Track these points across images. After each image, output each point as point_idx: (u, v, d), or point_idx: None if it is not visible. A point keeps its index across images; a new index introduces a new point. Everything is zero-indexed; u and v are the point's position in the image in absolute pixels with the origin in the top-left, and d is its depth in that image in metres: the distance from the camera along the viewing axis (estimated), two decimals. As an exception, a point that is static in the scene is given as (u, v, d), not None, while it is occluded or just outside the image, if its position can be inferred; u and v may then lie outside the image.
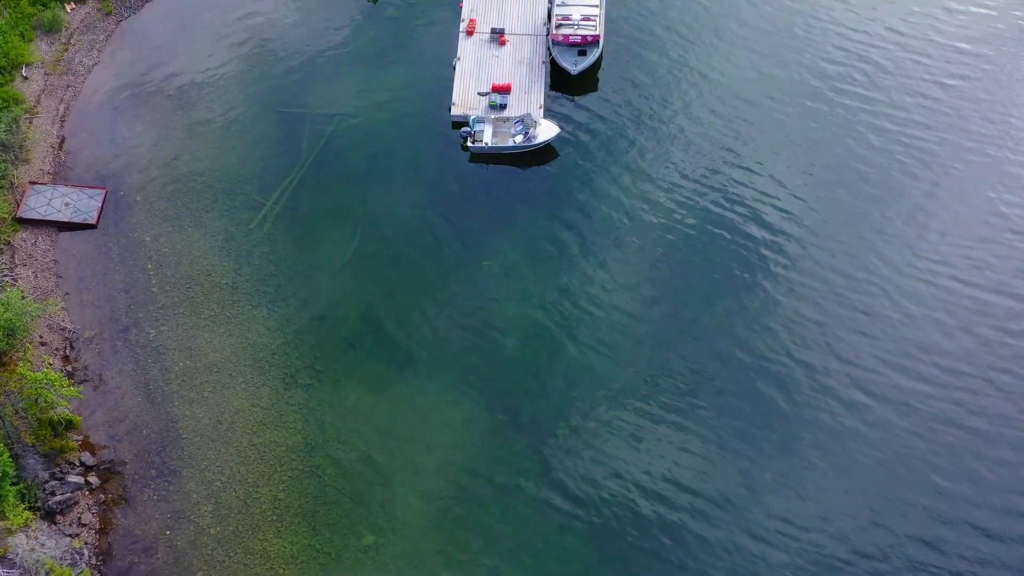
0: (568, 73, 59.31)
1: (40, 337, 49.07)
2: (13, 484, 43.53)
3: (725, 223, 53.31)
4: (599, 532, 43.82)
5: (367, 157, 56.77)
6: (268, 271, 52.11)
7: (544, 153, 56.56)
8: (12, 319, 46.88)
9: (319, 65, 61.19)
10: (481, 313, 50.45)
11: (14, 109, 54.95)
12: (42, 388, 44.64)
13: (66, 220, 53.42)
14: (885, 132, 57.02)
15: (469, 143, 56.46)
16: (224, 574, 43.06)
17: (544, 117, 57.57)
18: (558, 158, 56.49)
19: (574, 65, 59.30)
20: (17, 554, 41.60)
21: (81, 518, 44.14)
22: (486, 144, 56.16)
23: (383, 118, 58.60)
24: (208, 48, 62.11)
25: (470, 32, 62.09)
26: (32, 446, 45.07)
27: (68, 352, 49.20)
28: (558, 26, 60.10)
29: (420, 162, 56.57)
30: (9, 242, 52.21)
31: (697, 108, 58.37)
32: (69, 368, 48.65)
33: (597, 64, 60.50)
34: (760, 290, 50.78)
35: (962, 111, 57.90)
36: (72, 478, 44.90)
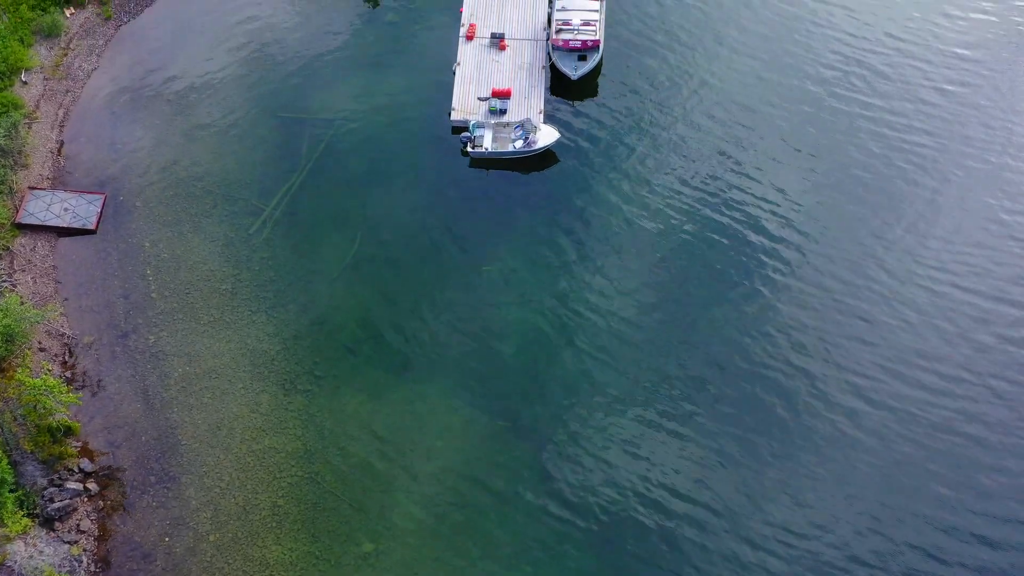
0: (568, 78, 59.27)
1: (39, 343, 49.02)
2: (11, 491, 43.43)
3: (724, 229, 53.26)
4: (598, 540, 43.71)
5: (367, 162, 56.73)
6: (267, 276, 52.07)
7: (544, 158, 56.53)
8: (11, 325, 46.82)
9: (319, 70, 61.17)
10: (480, 318, 50.40)
11: (13, 114, 54.92)
12: (41, 394, 44.58)
13: (65, 226, 53.37)
14: (885, 138, 56.96)
15: (469, 148, 56.42)
16: (223, 581, 43.07)
17: (544, 122, 57.53)
18: (558, 163, 56.46)
19: (574, 70, 59.26)
20: (15, 561, 41.54)
21: (80, 525, 44.07)
22: (486, 149, 56.11)
23: (383, 123, 58.56)
24: (208, 53, 62.08)
25: (470, 37, 62.06)
26: (31, 453, 45.02)
27: (67, 358, 49.15)
28: (558, 31, 60.07)
29: (420, 167, 56.53)
30: (8, 248, 52.16)
31: (697, 114, 58.34)
32: (68, 374, 48.59)
33: (597, 69, 60.47)
34: (759, 297, 50.72)
35: (962, 117, 57.81)
36: (71, 485, 44.83)
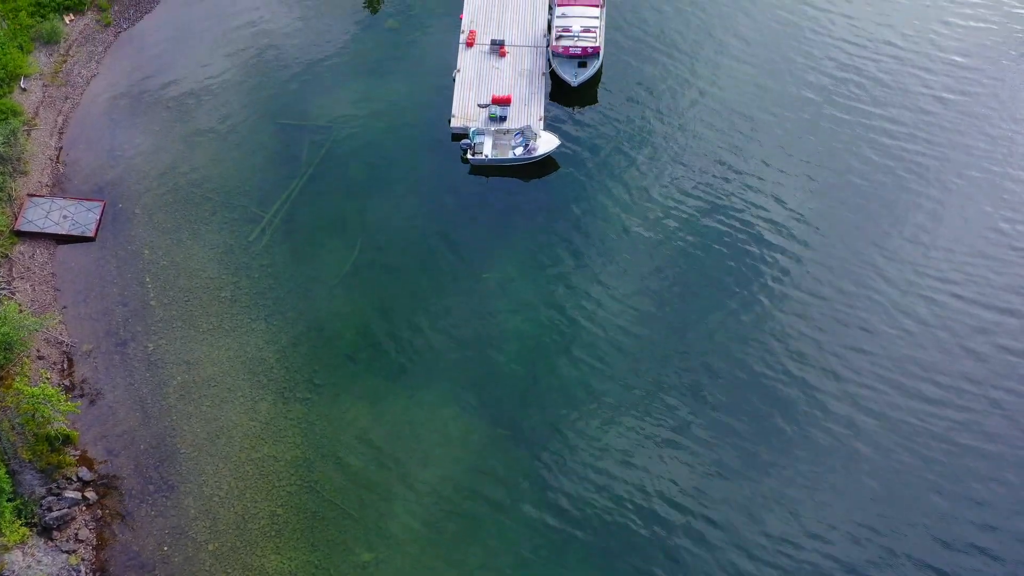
0: (568, 85, 59.19)
1: (38, 351, 48.87)
2: (9, 500, 43.30)
3: (723, 238, 53.10)
4: (597, 550, 43.49)
5: (366, 168, 56.61)
6: (267, 284, 51.93)
7: (544, 165, 56.42)
8: (9, 333, 46.66)
9: (318, 76, 61.08)
10: (480, 326, 50.25)
11: (12, 121, 54.80)
12: (39, 403, 44.43)
13: (64, 233, 53.23)
14: (884, 147, 56.79)
15: (469, 155, 56.30)
16: (222, 591, 42.91)
17: (544, 129, 57.44)
18: (558, 170, 56.35)
19: (574, 77, 59.17)
20: (13, 571, 41.35)
21: (78, 534, 43.90)
22: (486, 156, 56.01)
23: (383, 129, 58.47)
24: (207, 59, 62.01)
25: (470, 43, 61.97)
26: (29, 462, 44.84)
27: (65, 366, 48.98)
28: (558, 38, 59.98)
29: (419, 174, 56.42)
30: (7, 255, 52.02)
31: (696, 121, 58.23)
32: (67, 382, 48.44)
33: (597, 76, 60.38)
34: (757, 306, 50.53)
35: (961, 126, 57.62)
36: (69, 493, 44.66)
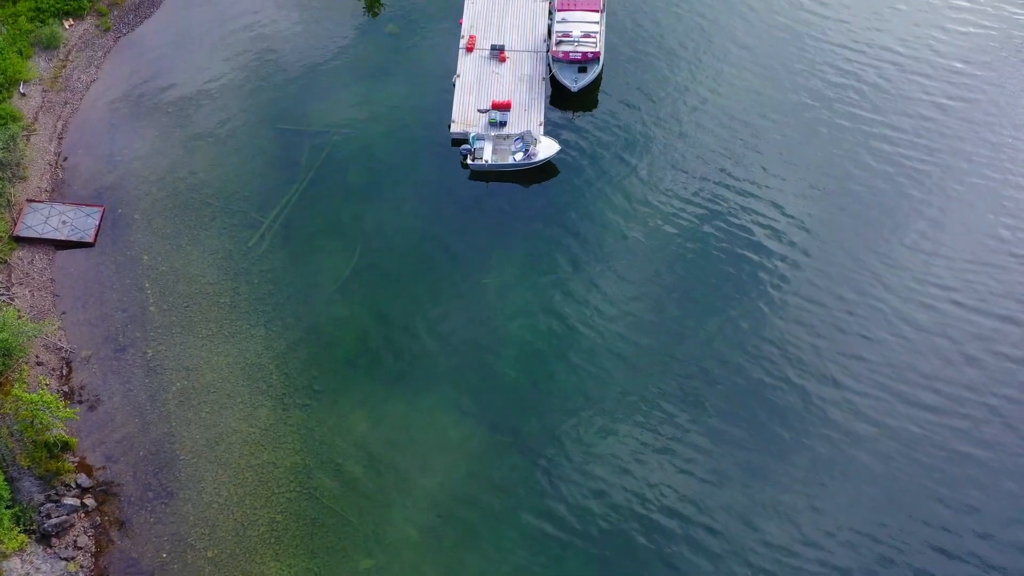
0: (568, 90, 59.09)
1: (36, 357, 48.72)
2: (8, 507, 43.18)
3: (722, 245, 52.91)
4: (596, 558, 43.32)
5: (366, 174, 56.49)
6: (266, 290, 51.80)
7: (544, 170, 56.32)
8: (8, 339, 46.55)
9: (318, 81, 61.01)
10: (478, 332, 50.11)
11: (11, 126, 54.69)
12: (38, 410, 44.26)
13: (63, 238, 53.12)
14: (884, 154, 56.53)
15: (469, 160, 56.20)
16: (221, 598, 42.75)
17: (544, 134, 57.33)
18: (558, 175, 56.23)
19: (574, 82, 59.08)
20: (11, 578, 41.26)
21: (77, 541, 43.73)
22: (486, 161, 55.89)
23: (382, 134, 58.37)
24: (207, 64, 61.92)
25: (470, 49, 61.89)
26: (27, 468, 44.68)
27: (64, 372, 48.84)
28: (558, 43, 59.89)
29: (419, 179, 56.31)
30: (5, 261, 51.89)
31: (696, 128, 58.09)
32: (65, 388, 48.29)
33: (597, 81, 60.28)
34: (757, 313, 50.31)
35: (961, 132, 57.33)
36: (68, 500, 44.50)
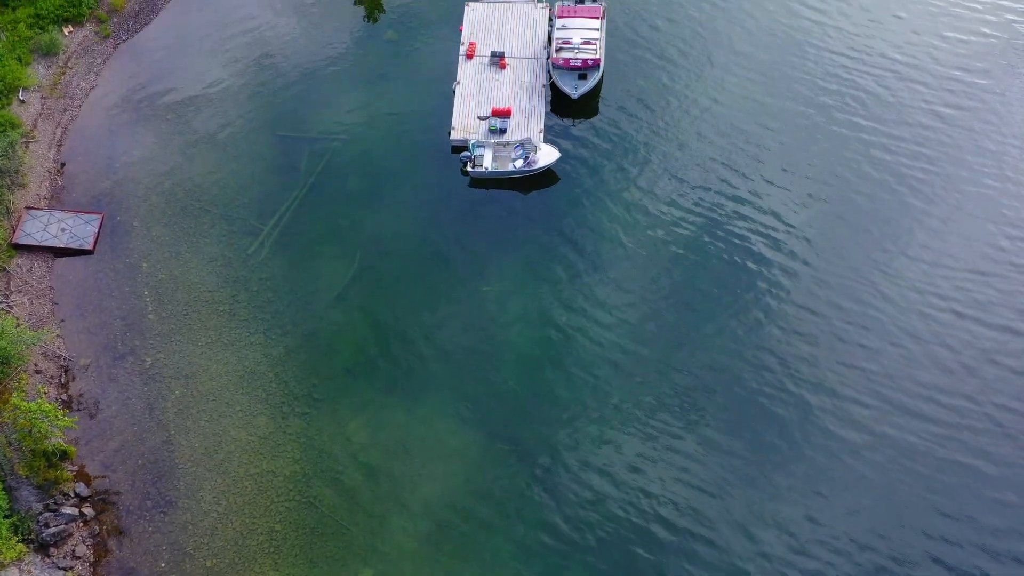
0: (568, 97, 59.00)
1: (35, 365, 48.55)
2: (6, 516, 43.02)
3: (721, 253, 52.76)
4: (595, 568, 43.14)
5: (366, 180, 56.39)
6: (265, 297, 51.66)
7: (544, 177, 56.21)
8: (6, 347, 46.42)
9: (318, 87, 60.92)
10: (477, 340, 49.96)
11: (10, 133, 54.56)
12: (36, 419, 44.09)
13: (62, 246, 52.97)
14: (883, 163, 56.37)
15: (469, 167, 56.09)
16: (220, 608, 42.55)
17: (544, 141, 57.24)
18: (558, 183, 56.13)
19: (574, 89, 58.99)
20: (9, 588, 41.06)
21: (75, 550, 43.53)
22: (486, 169, 55.79)
23: (382, 141, 58.28)
24: (206, 71, 61.83)
25: (470, 55, 61.81)
26: (26, 477, 44.48)
27: (63, 380, 48.66)
28: (558, 50, 59.82)
29: (419, 186, 56.20)
30: (4, 268, 51.73)
31: (696, 135, 58.00)
32: (64, 396, 48.12)
33: (597, 88, 60.21)
34: (756, 323, 50.11)
35: (961, 141, 57.14)
36: (66, 509, 44.32)
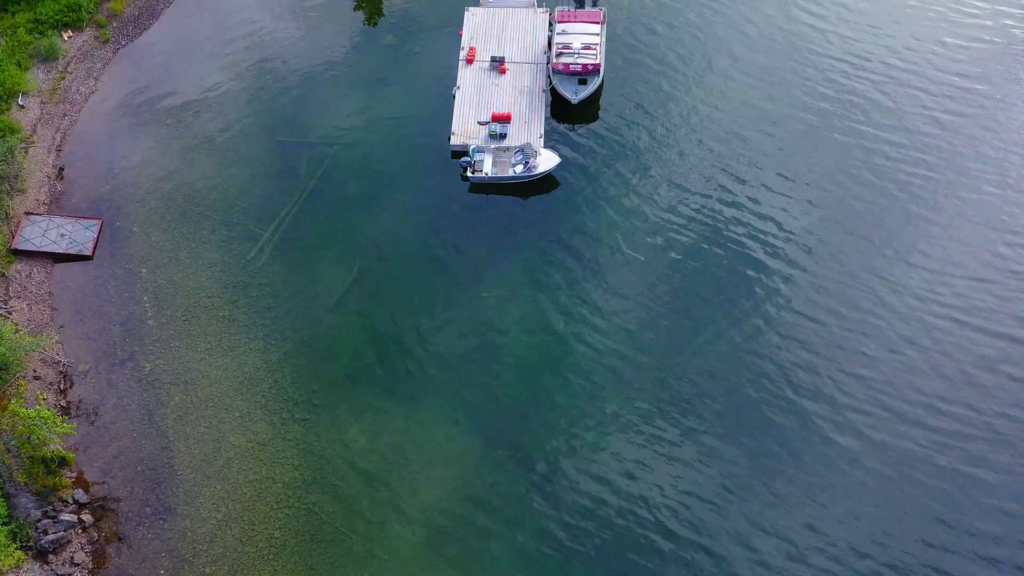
0: (569, 102, 58.96)
1: (34, 371, 48.46)
2: (4, 524, 42.89)
3: (722, 260, 52.67)
4: (597, 574, 43.09)
5: (366, 186, 56.33)
6: (265, 303, 51.59)
7: (544, 183, 56.17)
8: (5, 353, 46.36)
9: (317, 92, 60.88)
10: (477, 346, 49.90)
11: (10, 138, 54.51)
12: (35, 425, 43.97)
13: (61, 251, 52.90)
14: (883, 169, 56.22)
15: (469, 173, 56.02)
16: (219, 615, 42.49)
17: (544, 147, 57.17)
18: (558, 188, 56.08)
19: (575, 94, 58.96)
20: (8, 596, 40.95)
21: (74, 557, 43.42)
22: (486, 174, 55.73)
23: (382, 146, 58.24)
24: (206, 76, 61.79)
25: (470, 60, 61.77)
26: (24, 484, 44.38)
27: (62, 386, 48.57)
28: (558, 55, 59.80)
29: (419, 191, 56.14)
30: (3, 274, 51.66)
31: (695, 141, 57.94)
32: (63, 402, 48.03)
33: (598, 93, 60.17)
34: (755, 331, 49.96)
35: (961, 147, 57.04)
36: (65, 516, 44.21)
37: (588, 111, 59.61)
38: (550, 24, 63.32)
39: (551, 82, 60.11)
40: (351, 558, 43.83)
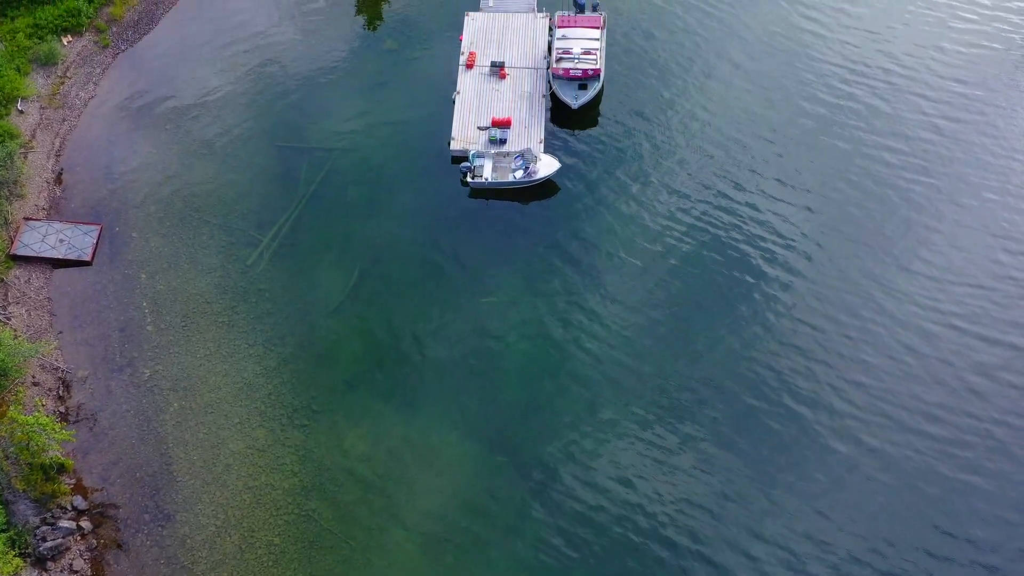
0: (569, 107, 58.96)
1: (32, 377, 48.44)
2: (3, 531, 42.88)
3: (721, 267, 52.56)
4: (599, 581, 43.26)
5: (366, 192, 56.31)
6: (265, 309, 51.57)
7: (544, 188, 56.14)
8: (4, 359, 46.30)
9: (317, 97, 60.87)
10: (480, 351, 49.88)
11: (9, 144, 54.49)
12: (33, 432, 43.97)
13: (60, 257, 52.87)
14: (883, 176, 56.10)
15: (469, 178, 56.01)
16: (217, 623, 42.47)
17: (544, 152, 57.17)
18: (558, 193, 56.07)
19: (575, 99, 58.95)
20: (6, 603, 40.93)
21: (72, 564, 43.41)
22: (486, 179, 55.72)
23: (382, 151, 58.21)
24: (205, 81, 61.77)
25: (470, 65, 61.75)
26: (23, 491, 44.36)
27: (61, 393, 48.55)
28: (558, 60, 59.78)
29: (419, 197, 56.12)
30: (2, 280, 51.64)
31: (696, 146, 57.92)
32: (62, 409, 48.01)
33: (598, 98, 60.16)
34: (755, 338, 49.83)
35: (961, 154, 56.91)
36: (64, 523, 44.21)
37: (588, 116, 59.61)
38: (550, 29, 63.31)
39: (551, 87, 60.11)
40: (350, 565, 43.82)
